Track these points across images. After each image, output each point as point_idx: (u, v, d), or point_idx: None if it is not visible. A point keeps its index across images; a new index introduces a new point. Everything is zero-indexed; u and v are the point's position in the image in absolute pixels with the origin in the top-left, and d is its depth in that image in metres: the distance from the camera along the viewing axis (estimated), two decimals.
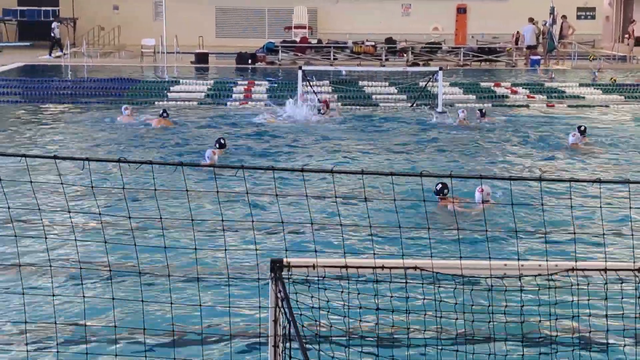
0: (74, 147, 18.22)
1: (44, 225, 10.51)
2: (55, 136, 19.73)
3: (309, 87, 24.86)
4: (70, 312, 8.64)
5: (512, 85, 29.40)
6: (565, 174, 15.96)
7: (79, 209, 12.52)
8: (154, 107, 24.08)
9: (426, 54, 37.13)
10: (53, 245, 10.68)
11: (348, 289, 5.66)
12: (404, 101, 26.15)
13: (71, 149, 18.07)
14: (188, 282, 9.29)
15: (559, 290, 5.76)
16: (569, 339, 6.21)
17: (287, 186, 14.27)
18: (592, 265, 5.18)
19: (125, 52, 39.80)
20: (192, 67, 35.35)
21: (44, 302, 8.77)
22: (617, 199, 13.51)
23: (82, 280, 8.83)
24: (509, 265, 5.09)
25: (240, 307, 8.58)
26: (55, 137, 19.56)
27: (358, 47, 36.63)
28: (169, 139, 19.15)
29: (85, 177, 13.15)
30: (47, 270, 9.32)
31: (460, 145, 19.09)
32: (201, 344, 7.66)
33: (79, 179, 13.70)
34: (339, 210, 12.58)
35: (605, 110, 25.33)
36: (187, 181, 13.86)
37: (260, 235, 11.41)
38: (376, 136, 20.24)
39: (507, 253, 10.23)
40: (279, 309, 4.89)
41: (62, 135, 19.91)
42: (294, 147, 18.58)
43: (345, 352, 5.94)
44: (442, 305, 5.73)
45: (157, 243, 10.19)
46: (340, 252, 6.28)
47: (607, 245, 10.46)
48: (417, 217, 11.91)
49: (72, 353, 7.81)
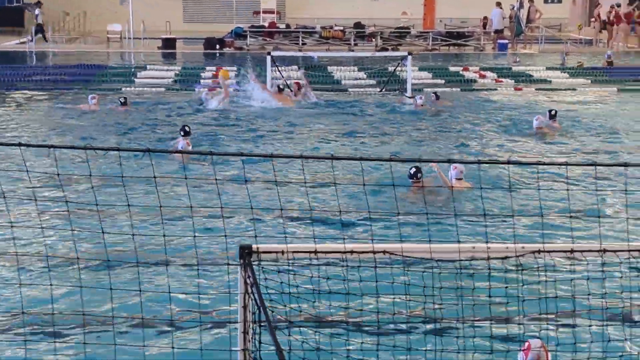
0: (40, 135, 18.05)
1: (9, 213, 10.41)
2: (20, 124, 19.53)
3: (277, 72, 24.83)
4: (37, 299, 8.58)
5: (481, 70, 29.52)
6: (533, 157, 16.06)
7: (46, 196, 12.42)
8: (121, 93, 23.91)
9: (395, 39, 37.15)
10: (19, 234, 10.58)
11: (318, 273, 5.67)
12: (373, 86, 26.17)
13: (38, 136, 17.91)
14: (157, 269, 9.25)
15: (527, 272, 5.80)
16: (537, 320, 6.26)
17: (256, 172, 14.25)
18: (559, 247, 5.22)
19: (91, 37, 39.46)
20: (159, 52, 35.13)
21: (12, 290, 8.72)
22: (584, 181, 13.62)
23: (50, 268, 8.76)
24: (477, 248, 5.11)
25: (210, 294, 8.57)
26: (20, 125, 19.36)
27: (327, 32, 36.56)
28: (136, 126, 19.03)
29: (51, 165, 13.05)
30: (12, 258, 9.25)
31: (429, 129, 19.15)
32: (171, 330, 7.64)
33: (45, 166, 13.59)
34: (309, 196, 12.58)
35: (572, 94, 25.52)
36: (155, 168, 13.78)
37: (229, 222, 11.38)
38: (345, 121, 20.24)
39: (477, 235, 10.27)
40: (248, 295, 4.89)
41: (28, 122, 19.72)
42: (262, 133, 18.53)
43: (316, 336, 5.95)
44: (411, 289, 5.75)
45: (125, 230, 10.14)
46: (310, 237, 6.28)
47: (574, 228, 10.55)
48: (390, 202, 11.94)
49: (39, 341, 7.76)
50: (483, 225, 10.40)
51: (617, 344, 5.90)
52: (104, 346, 7.39)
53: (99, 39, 38.16)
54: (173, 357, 6.28)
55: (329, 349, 5.42)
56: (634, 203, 12.59)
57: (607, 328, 6.23)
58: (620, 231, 10.74)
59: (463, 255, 5.09)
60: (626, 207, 11.79)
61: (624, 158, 15.91)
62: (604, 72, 29.32)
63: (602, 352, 5.57)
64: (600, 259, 5.10)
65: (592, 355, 5.61)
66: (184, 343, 7.51)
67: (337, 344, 5.75)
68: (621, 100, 24.32)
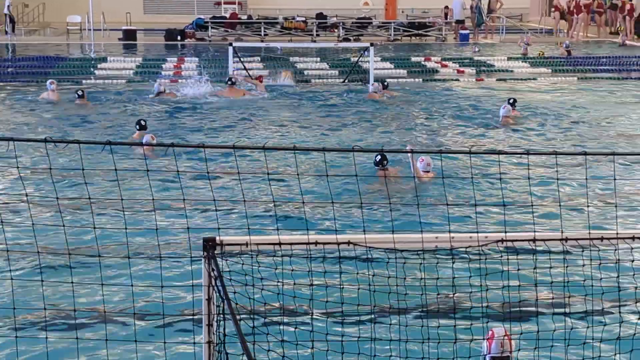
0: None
1: None
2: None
3: (240, 63, 24.77)
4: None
5: (442, 60, 29.64)
6: (495, 146, 16.16)
7: (5, 190, 12.29)
8: (80, 85, 23.69)
9: (357, 29, 37.17)
10: None
11: (282, 265, 5.66)
12: (336, 77, 26.17)
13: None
14: (119, 262, 9.18)
15: (490, 262, 5.83)
16: (499, 309, 6.30)
17: (218, 164, 14.19)
18: (521, 236, 5.24)
19: (50, 29, 39.04)
20: (119, 44, 34.84)
21: None
22: (546, 170, 13.72)
23: (10, 262, 8.67)
24: (440, 238, 5.12)
25: (173, 287, 8.52)
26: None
27: (289, 23, 36.48)
28: (95, 119, 18.86)
29: (11, 158, 12.89)
30: None
31: (391, 119, 19.19)
32: (134, 324, 7.59)
33: (5, 160, 13.43)
34: (271, 188, 12.56)
35: (533, 83, 25.71)
36: (117, 162, 13.68)
37: (192, 214, 11.33)
38: (308, 112, 20.23)
39: (441, 225, 10.32)
40: (212, 287, 4.86)
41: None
42: (224, 125, 18.46)
43: (280, 329, 5.94)
44: (376, 279, 5.76)
45: (86, 223, 10.06)
46: (274, 229, 6.27)
47: (535, 216, 10.63)
48: (352, 192, 11.95)
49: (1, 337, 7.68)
50: (447, 215, 10.44)
51: (580, 332, 5.95)
52: (65, 340, 7.33)
53: (58, 31, 37.75)
54: (136, 350, 6.25)
55: (293, 340, 5.41)
56: (595, 191, 12.72)
57: (570, 317, 6.29)
58: (581, 220, 10.84)
59: (427, 245, 5.10)
60: (587, 195, 11.91)
61: (584, 147, 16.06)
62: (564, 62, 29.57)
63: (565, 340, 5.62)
64: (562, 247, 5.14)
65: (555, 344, 5.65)
66: (147, 336, 7.46)
67: (301, 335, 5.74)
68: (581, 90, 24.53)
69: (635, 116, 19.93)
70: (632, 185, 13.11)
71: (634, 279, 5.94)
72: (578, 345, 5.61)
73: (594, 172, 13.54)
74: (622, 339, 5.66)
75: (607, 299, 6.17)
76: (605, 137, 17.37)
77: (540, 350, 5.54)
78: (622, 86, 25.29)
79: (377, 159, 12.88)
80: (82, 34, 36.09)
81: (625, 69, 28.55)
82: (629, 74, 27.73)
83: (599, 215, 11.48)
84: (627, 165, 14.22)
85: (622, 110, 20.82)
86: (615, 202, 11.37)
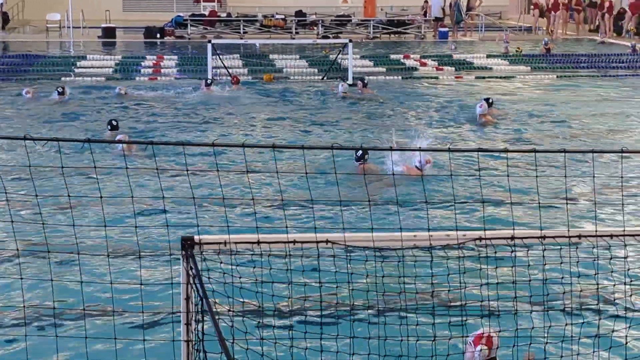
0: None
1: None
2: None
3: (219, 61, 24.74)
4: None
5: (421, 57, 29.67)
6: (472, 144, 16.21)
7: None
8: (60, 83, 23.56)
9: (336, 27, 37.17)
10: None
11: (261, 264, 5.65)
12: (315, 74, 26.16)
13: None
14: (98, 260, 9.15)
15: (468, 260, 5.85)
16: (478, 307, 6.32)
17: (197, 162, 14.16)
18: (500, 234, 5.26)
19: (29, 27, 38.80)
20: (99, 42, 34.68)
21: None
22: (524, 167, 13.77)
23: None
24: (418, 236, 5.14)
25: (152, 285, 8.50)
26: None
27: (268, 21, 36.44)
28: (75, 116, 18.78)
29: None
30: None
31: (371, 117, 19.20)
32: (113, 322, 7.57)
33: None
34: (251, 185, 12.55)
35: (512, 81, 25.80)
36: (96, 159, 13.63)
37: (171, 213, 11.30)
38: (287, 109, 20.21)
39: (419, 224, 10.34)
40: (190, 286, 4.85)
41: None
42: (203, 122, 18.42)
43: (259, 327, 5.94)
44: (354, 277, 5.77)
45: (65, 221, 10.01)
46: (253, 227, 6.25)
47: (514, 214, 10.67)
48: (332, 190, 11.95)
49: None
50: (425, 214, 10.47)
51: (558, 330, 5.98)
52: (43, 338, 7.30)
53: (37, 29, 37.53)
54: (115, 349, 6.23)
55: (272, 339, 5.41)
56: (575, 189, 12.79)
57: (548, 313, 6.31)
58: (560, 217, 10.90)
59: (405, 243, 5.10)
60: (565, 192, 11.96)
61: (563, 145, 16.13)
62: (543, 59, 29.68)
63: (544, 337, 5.64)
64: (541, 245, 5.16)
65: (534, 341, 5.68)
66: (126, 335, 7.44)
67: (280, 334, 5.74)
68: (560, 87, 24.64)
69: (614, 114, 20.03)
70: (612, 183, 13.18)
71: (611, 276, 5.98)
72: (556, 342, 5.64)
73: (573, 170, 13.60)
74: (601, 336, 5.70)
75: (585, 295, 6.21)
76: (585, 134, 17.45)
77: (519, 348, 5.57)
78: (600, 84, 25.42)
79: (357, 154, 13.07)
80: (61, 31, 35.89)
81: (604, 67, 28.69)
82: (607, 72, 27.86)
83: (578, 213, 11.53)
84: (606, 163, 14.30)
85: (601, 107, 20.92)
86: (594, 200, 11.43)
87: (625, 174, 13.49)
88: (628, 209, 11.65)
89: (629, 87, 24.76)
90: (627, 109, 20.55)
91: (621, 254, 5.60)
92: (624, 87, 24.81)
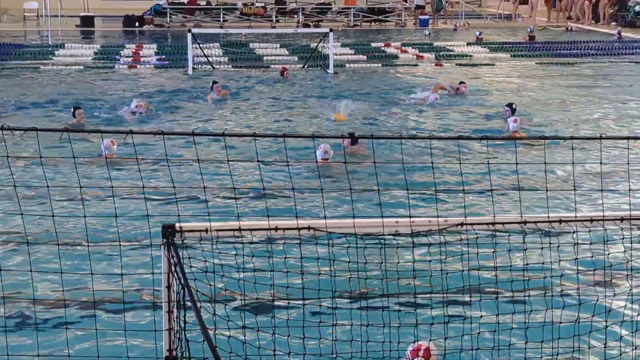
0: None
1: None
2: None
3: (199, 50, 24.64)
4: None
5: (402, 45, 29.69)
6: (452, 132, 16.21)
7: None
8: (39, 71, 23.44)
9: (316, 15, 37.10)
10: None
11: (243, 251, 5.64)
12: (296, 62, 26.12)
13: None
14: (78, 250, 9.10)
15: (450, 245, 5.86)
16: (460, 294, 6.33)
17: (178, 150, 14.11)
18: (481, 219, 5.27)
19: (6, 16, 38.50)
20: (77, 30, 34.45)
21: None
22: (506, 155, 13.80)
23: None
24: (400, 222, 5.13)
25: (133, 274, 8.46)
26: None
27: (248, 9, 36.32)
28: (54, 106, 18.67)
29: None
30: None
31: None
32: (94, 312, 7.54)
33: None
34: (232, 174, 12.51)
35: (492, 68, 25.86)
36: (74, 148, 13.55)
37: (152, 201, 11.25)
38: (268, 98, 20.16)
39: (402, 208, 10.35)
40: (172, 274, 4.83)
41: None
42: (183, 110, 18.34)
43: (241, 315, 5.93)
44: (337, 264, 5.76)
45: (44, 211, 9.96)
46: (234, 216, 6.24)
47: (495, 201, 10.69)
48: (314, 177, 11.94)
49: None
50: (406, 200, 10.47)
51: (538, 315, 6.00)
52: (23, 331, 7.27)
53: (15, 18, 37.24)
54: (97, 339, 6.20)
55: (254, 327, 5.40)
56: (553, 175, 12.84)
57: (530, 299, 6.33)
58: (541, 203, 10.93)
59: (387, 229, 5.10)
60: (545, 179, 12.00)
61: (542, 132, 16.16)
62: (524, 47, 29.77)
63: (525, 323, 5.66)
64: (521, 230, 5.18)
65: (515, 327, 5.70)
66: (107, 324, 7.41)
67: (262, 322, 5.74)
68: (540, 74, 24.71)
69: (593, 100, 20.11)
70: (590, 169, 13.23)
71: (592, 261, 6.00)
72: (537, 328, 5.66)
73: (553, 156, 13.64)
74: (581, 321, 5.72)
75: (565, 281, 6.23)
76: (564, 122, 17.49)
77: (501, 333, 5.59)
78: (580, 70, 25.51)
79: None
80: (39, 20, 35.63)
81: (585, 54, 28.76)
82: (586, 59, 27.96)
83: (557, 199, 11.57)
84: (586, 150, 14.34)
85: (580, 94, 20.98)
86: (573, 186, 11.47)
87: (604, 160, 13.54)
88: (608, 194, 11.71)
89: (608, 73, 24.86)
90: (607, 95, 20.65)
91: (601, 240, 5.62)
92: (604, 73, 24.92)
